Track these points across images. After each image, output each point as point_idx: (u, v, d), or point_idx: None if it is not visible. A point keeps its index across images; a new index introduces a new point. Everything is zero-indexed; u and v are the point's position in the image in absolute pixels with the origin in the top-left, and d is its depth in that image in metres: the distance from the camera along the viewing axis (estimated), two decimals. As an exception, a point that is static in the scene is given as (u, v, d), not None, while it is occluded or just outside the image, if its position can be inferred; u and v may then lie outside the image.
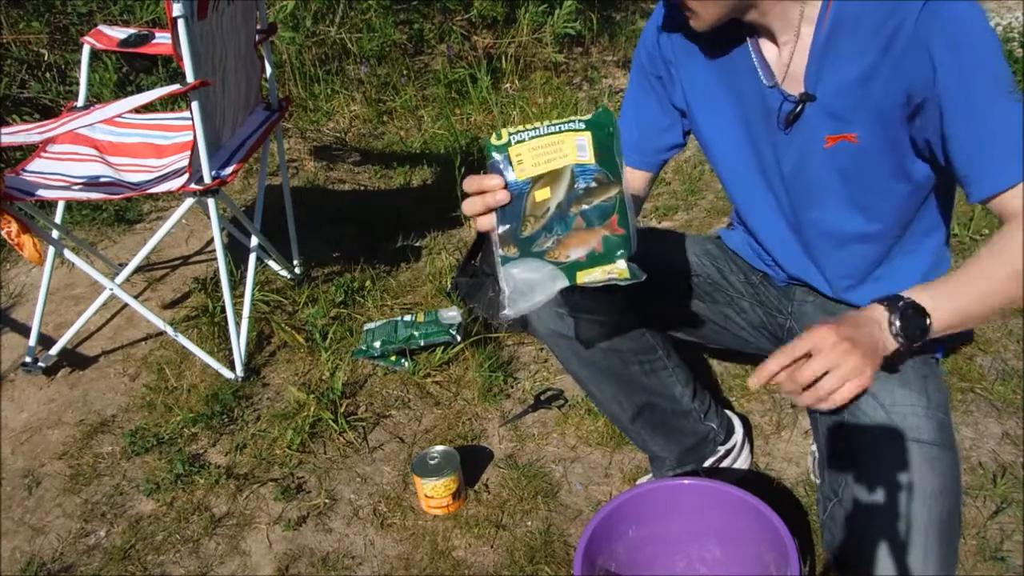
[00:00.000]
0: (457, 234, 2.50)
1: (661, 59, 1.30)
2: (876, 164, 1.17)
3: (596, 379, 1.42)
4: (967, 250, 2.19)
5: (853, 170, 1.19)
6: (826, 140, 1.18)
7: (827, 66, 1.13)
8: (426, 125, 3.13)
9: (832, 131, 1.17)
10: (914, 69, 1.06)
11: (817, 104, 1.16)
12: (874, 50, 1.08)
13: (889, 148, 1.15)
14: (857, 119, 1.14)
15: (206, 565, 1.55)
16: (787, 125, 1.20)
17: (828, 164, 1.20)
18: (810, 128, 1.18)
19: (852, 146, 1.17)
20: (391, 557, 1.54)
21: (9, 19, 2.92)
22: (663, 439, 1.51)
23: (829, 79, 1.14)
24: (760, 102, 1.22)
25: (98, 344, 2.12)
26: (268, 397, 1.92)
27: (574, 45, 3.63)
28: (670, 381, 1.47)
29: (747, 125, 1.26)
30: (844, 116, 1.15)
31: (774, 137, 1.23)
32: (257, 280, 2.17)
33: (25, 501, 1.70)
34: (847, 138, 1.16)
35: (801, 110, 1.17)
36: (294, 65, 3.17)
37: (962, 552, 1.46)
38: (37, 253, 1.68)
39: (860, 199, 1.23)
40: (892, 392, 1.16)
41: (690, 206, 2.61)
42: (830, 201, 1.24)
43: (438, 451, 1.62)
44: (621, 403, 1.45)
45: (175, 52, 1.63)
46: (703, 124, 1.32)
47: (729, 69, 1.24)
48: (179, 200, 1.94)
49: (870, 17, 1.08)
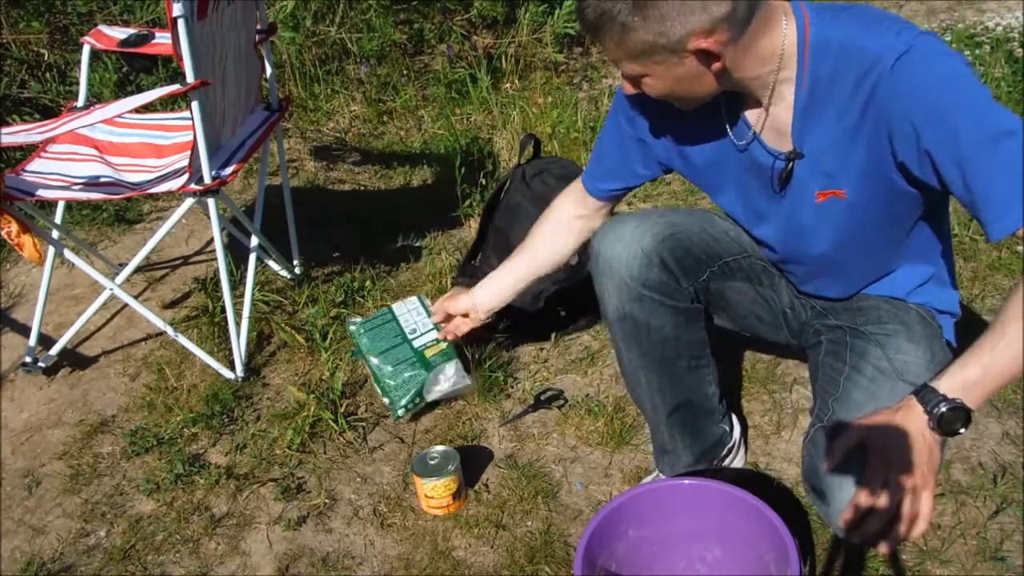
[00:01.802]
0: (457, 234, 2.50)
1: (640, 121, 1.36)
2: (865, 216, 1.21)
3: (649, 369, 1.43)
4: (966, 249, 2.19)
5: (844, 223, 1.23)
6: (816, 196, 1.21)
7: (810, 124, 1.15)
8: (426, 125, 3.13)
9: (822, 187, 1.20)
10: (895, 127, 1.07)
11: (805, 161, 1.18)
12: (855, 109, 1.10)
13: (879, 200, 1.18)
14: (844, 175, 1.17)
15: (206, 565, 1.55)
16: (782, 186, 1.23)
17: (819, 217, 1.24)
18: (801, 184, 1.22)
19: (841, 202, 1.19)
20: (391, 557, 1.54)
21: (9, 19, 2.92)
22: (690, 438, 1.51)
23: (814, 137, 1.16)
24: (749, 158, 1.25)
25: (98, 344, 2.12)
26: (268, 397, 1.92)
27: (574, 45, 3.63)
28: (708, 379, 1.49)
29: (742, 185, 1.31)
30: (832, 172, 1.17)
31: (766, 193, 1.27)
32: (257, 280, 2.16)
33: (25, 501, 1.70)
34: (836, 194, 1.19)
35: (792, 168, 1.19)
36: (294, 65, 3.17)
37: (962, 552, 1.47)
38: (37, 253, 1.68)
39: (851, 247, 1.28)
40: (899, 346, 1.26)
41: (690, 206, 2.61)
42: (823, 246, 1.29)
43: (438, 451, 1.62)
44: (665, 397, 1.46)
45: (175, 52, 1.63)
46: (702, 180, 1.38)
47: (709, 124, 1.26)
48: (179, 200, 1.94)
49: (845, 77, 1.09)
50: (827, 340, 1.39)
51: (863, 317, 1.36)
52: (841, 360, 1.32)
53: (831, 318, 1.41)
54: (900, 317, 1.33)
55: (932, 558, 1.46)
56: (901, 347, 1.26)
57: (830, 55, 1.10)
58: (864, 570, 1.45)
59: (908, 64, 1.03)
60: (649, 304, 1.36)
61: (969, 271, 2.13)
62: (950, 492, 1.58)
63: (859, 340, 1.32)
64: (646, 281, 1.34)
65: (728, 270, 1.44)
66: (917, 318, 1.34)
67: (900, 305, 1.35)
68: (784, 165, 1.20)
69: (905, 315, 1.34)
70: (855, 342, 1.33)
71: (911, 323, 1.32)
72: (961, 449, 1.68)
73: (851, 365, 1.29)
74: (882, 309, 1.35)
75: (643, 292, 1.35)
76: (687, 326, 1.42)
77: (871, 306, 1.37)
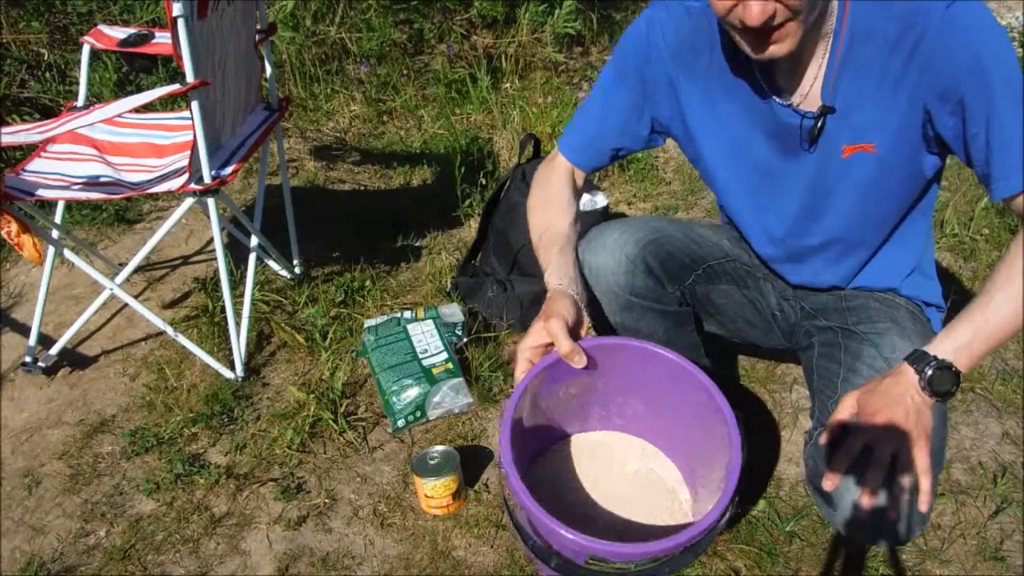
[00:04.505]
0: (457, 234, 2.50)
1: (658, 69, 1.29)
2: (892, 171, 1.20)
3: None
4: (966, 249, 2.19)
5: (868, 179, 1.21)
6: (843, 151, 1.19)
7: (846, 78, 1.14)
8: (426, 125, 3.13)
9: (849, 141, 1.18)
10: (939, 76, 1.07)
11: (836, 116, 1.17)
12: (897, 60, 1.09)
13: (907, 155, 1.17)
14: (877, 128, 1.16)
15: (206, 565, 1.55)
16: (812, 142, 1.20)
17: (845, 174, 1.22)
18: (828, 140, 1.20)
19: (870, 156, 1.18)
20: (391, 557, 1.54)
21: (9, 19, 2.91)
22: None
23: (848, 91, 1.15)
24: (772, 120, 1.22)
25: (98, 344, 2.12)
26: (268, 397, 1.92)
27: (574, 45, 3.63)
28: None
29: (757, 144, 1.27)
30: (862, 126, 1.16)
31: (793, 153, 1.24)
32: (257, 280, 2.17)
33: (25, 501, 1.70)
34: (865, 148, 1.18)
35: (823, 124, 1.18)
36: (294, 65, 3.17)
37: (962, 552, 1.47)
38: (37, 253, 1.67)
39: (869, 207, 1.26)
40: (893, 343, 1.27)
41: (690, 206, 2.61)
42: (839, 211, 1.27)
43: (438, 451, 1.62)
44: None
45: (175, 52, 1.63)
46: (705, 145, 1.32)
47: (735, 89, 1.24)
48: (179, 200, 1.94)
49: (888, 27, 1.09)
50: (819, 343, 1.38)
51: (854, 316, 1.36)
52: (836, 362, 1.32)
53: (821, 319, 1.41)
54: (890, 315, 1.33)
55: (932, 558, 1.46)
56: (895, 345, 1.27)
57: (868, 7, 1.10)
58: (864, 570, 1.45)
59: (955, 15, 1.04)
60: (639, 310, 1.36)
61: (969, 271, 2.13)
62: (950, 492, 1.58)
63: (852, 341, 1.32)
64: (633, 288, 1.34)
65: (713, 273, 1.44)
66: (907, 314, 1.34)
67: (890, 301, 1.36)
68: (814, 122, 1.18)
69: (895, 312, 1.34)
70: (848, 343, 1.32)
71: (901, 319, 1.32)
72: (961, 449, 1.68)
73: (846, 366, 1.29)
74: (872, 308, 1.35)
75: (631, 299, 1.35)
76: (677, 330, 1.42)
77: (861, 305, 1.37)
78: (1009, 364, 1.88)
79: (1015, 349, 1.92)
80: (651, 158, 2.87)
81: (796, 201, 1.30)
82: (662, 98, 1.31)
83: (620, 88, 1.33)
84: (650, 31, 1.28)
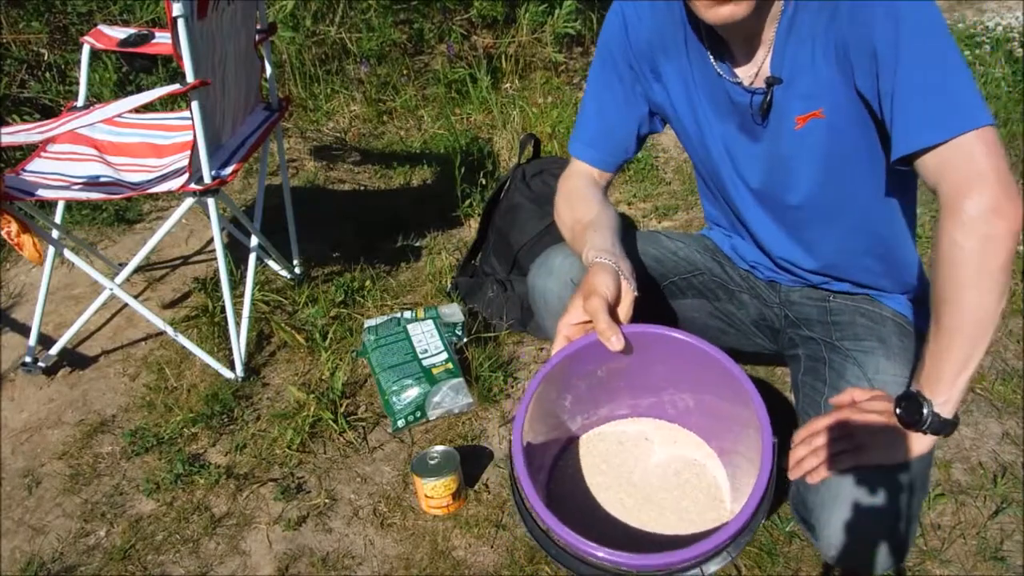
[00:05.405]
0: (457, 234, 2.50)
1: (640, 54, 1.30)
2: (843, 135, 1.17)
3: None
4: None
5: (824, 146, 1.19)
6: (796, 121, 1.18)
7: (790, 47, 1.14)
8: (426, 125, 3.13)
9: (800, 111, 1.17)
10: (857, 27, 1.06)
11: (784, 87, 1.16)
12: (825, 17, 1.09)
13: (854, 117, 1.14)
14: (821, 94, 1.14)
15: (206, 565, 1.55)
16: (764, 116, 1.20)
17: (800, 145, 1.20)
18: (781, 113, 1.19)
19: (821, 122, 1.17)
20: (391, 557, 1.54)
21: (9, 19, 2.92)
22: None
23: (792, 60, 1.14)
24: (727, 99, 1.23)
25: (98, 344, 2.12)
26: (268, 397, 1.92)
27: (574, 45, 3.63)
28: None
29: (721, 122, 1.27)
30: (809, 93, 1.15)
31: (750, 130, 1.24)
32: (257, 280, 2.17)
33: (25, 501, 1.70)
34: (815, 115, 1.16)
35: (771, 96, 1.17)
36: (294, 65, 3.17)
37: (962, 552, 1.47)
38: (37, 253, 1.67)
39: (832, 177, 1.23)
40: (877, 364, 1.24)
41: (690, 206, 2.61)
42: (806, 183, 1.25)
43: (438, 451, 1.62)
44: None
45: (175, 52, 1.63)
46: (686, 122, 1.32)
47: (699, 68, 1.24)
48: (179, 200, 1.94)
49: None
50: (805, 355, 1.36)
51: (839, 332, 1.34)
52: (820, 379, 1.29)
53: (805, 329, 1.39)
54: (877, 332, 1.30)
55: (932, 558, 1.46)
56: (879, 366, 1.24)
57: None
58: (864, 570, 1.44)
59: None
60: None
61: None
62: (950, 492, 1.58)
63: (836, 356, 1.30)
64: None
65: (676, 289, 1.43)
66: (894, 329, 1.31)
67: (876, 316, 1.33)
68: (764, 95, 1.17)
69: (881, 329, 1.31)
70: (833, 358, 1.30)
71: (887, 337, 1.29)
72: (961, 449, 1.68)
73: (830, 385, 1.27)
74: (858, 324, 1.33)
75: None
76: None
77: (847, 321, 1.34)
78: (1009, 364, 1.88)
79: (1015, 349, 1.92)
80: (651, 158, 2.87)
81: (757, 178, 1.29)
82: (651, 82, 1.32)
83: (611, 78, 1.34)
84: (626, 19, 1.29)
